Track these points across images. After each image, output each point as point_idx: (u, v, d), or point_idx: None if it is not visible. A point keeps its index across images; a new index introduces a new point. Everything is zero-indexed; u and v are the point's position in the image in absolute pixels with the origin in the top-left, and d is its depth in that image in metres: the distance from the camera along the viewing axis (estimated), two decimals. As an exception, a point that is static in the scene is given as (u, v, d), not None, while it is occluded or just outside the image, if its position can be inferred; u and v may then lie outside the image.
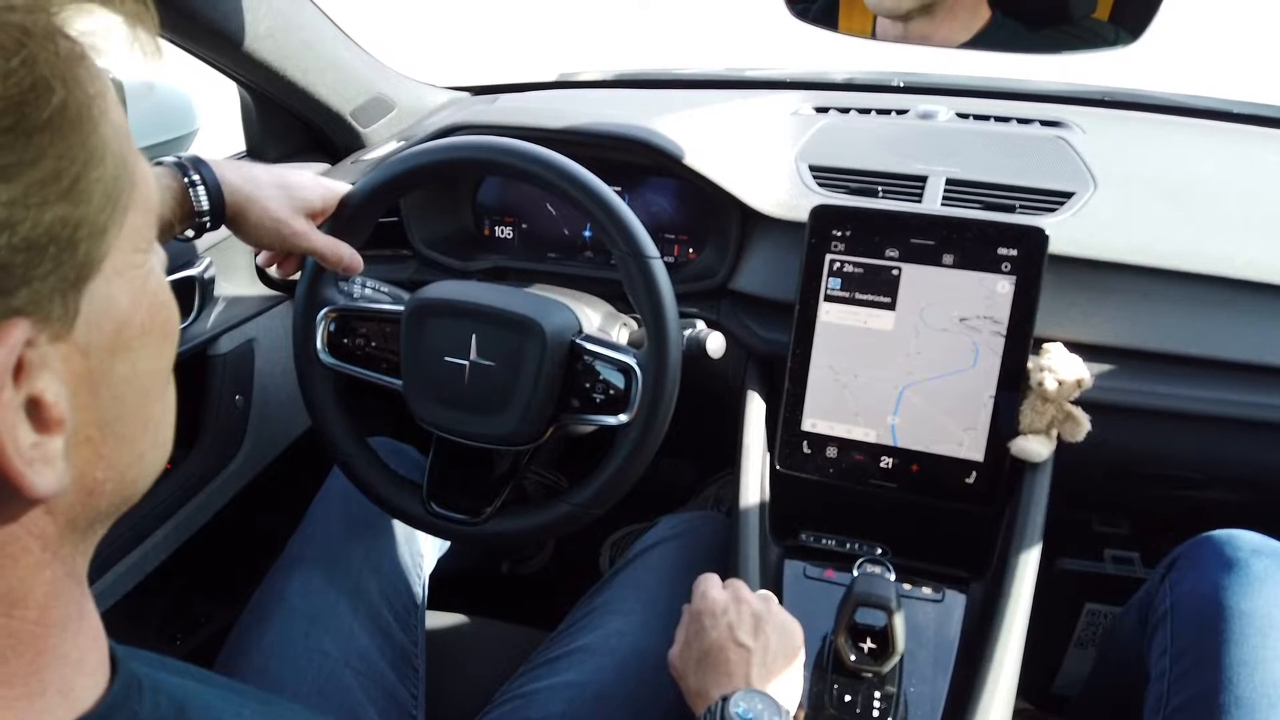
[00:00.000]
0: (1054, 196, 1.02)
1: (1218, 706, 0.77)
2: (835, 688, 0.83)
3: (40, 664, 0.36)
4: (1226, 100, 1.35)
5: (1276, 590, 0.82)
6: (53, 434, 0.33)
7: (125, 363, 0.37)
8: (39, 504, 0.35)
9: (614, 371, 0.87)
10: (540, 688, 0.90)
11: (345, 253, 0.89)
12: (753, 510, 0.98)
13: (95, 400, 0.36)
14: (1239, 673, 0.78)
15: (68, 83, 0.32)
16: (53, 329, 0.33)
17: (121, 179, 0.35)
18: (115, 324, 0.36)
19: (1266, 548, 0.85)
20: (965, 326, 0.94)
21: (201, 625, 1.32)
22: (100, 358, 0.35)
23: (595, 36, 6.94)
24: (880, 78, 1.49)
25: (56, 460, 0.34)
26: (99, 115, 0.34)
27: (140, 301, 0.37)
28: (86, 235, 0.33)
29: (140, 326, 0.37)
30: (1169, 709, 0.81)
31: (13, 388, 0.31)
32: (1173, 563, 0.91)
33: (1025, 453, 0.93)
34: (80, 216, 0.33)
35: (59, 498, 0.35)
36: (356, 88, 1.31)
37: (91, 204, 0.33)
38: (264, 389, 1.26)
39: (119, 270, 0.36)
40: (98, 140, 0.34)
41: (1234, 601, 0.81)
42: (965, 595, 0.92)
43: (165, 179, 0.79)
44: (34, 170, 0.31)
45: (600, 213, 0.85)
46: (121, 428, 0.37)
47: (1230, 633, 0.80)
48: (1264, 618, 0.80)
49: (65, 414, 0.34)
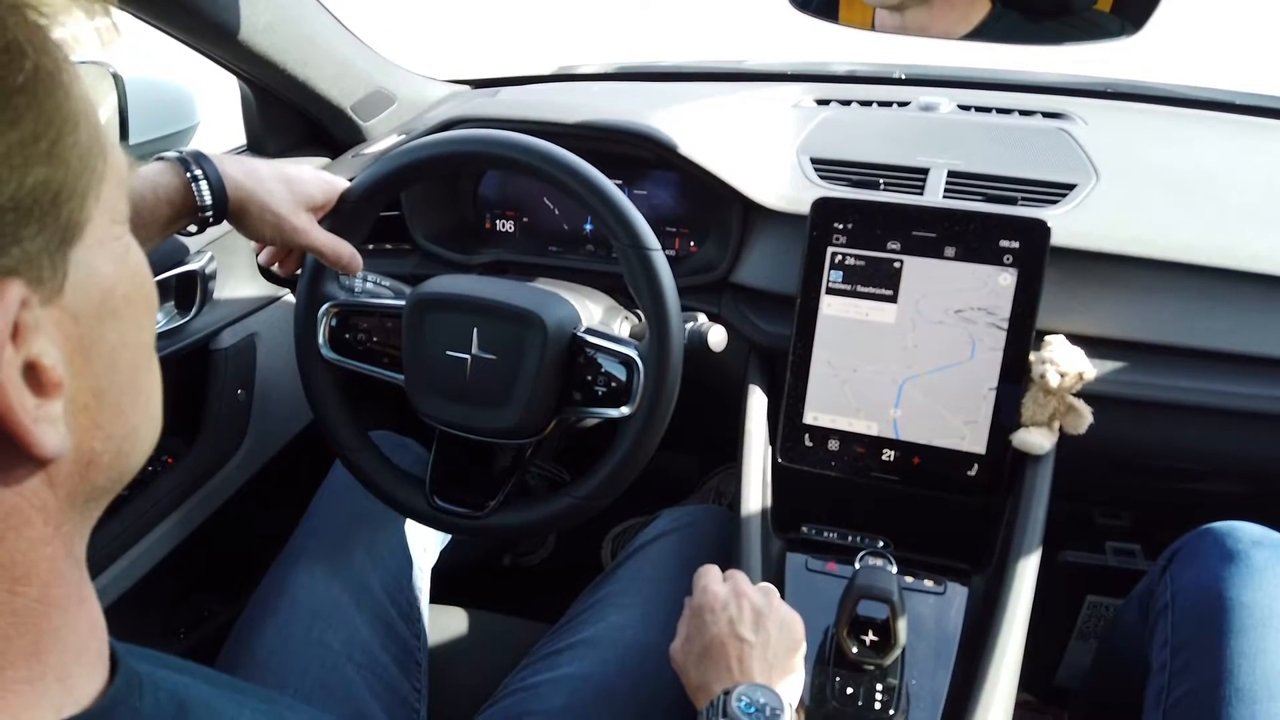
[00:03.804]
0: (1056, 188, 1.02)
1: (1219, 698, 0.77)
2: (837, 680, 0.83)
3: (41, 646, 0.36)
4: (1229, 91, 1.35)
5: (1277, 582, 0.82)
6: (52, 397, 0.34)
7: (113, 330, 0.38)
8: (39, 473, 0.35)
9: (616, 364, 0.87)
10: (542, 681, 0.90)
11: (345, 251, 0.88)
12: (754, 503, 0.98)
13: (89, 366, 0.36)
14: (1239, 664, 0.78)
15: (38, 48, 0.33)
16: (44, 291, 0.34)
17: (95, 147, 0.36)
18: (101, 291, 0.37)
19: (1267, 539, 0.85)
20: (962, 319, 0.94)
21: (204, 620, 1.32)
22: (89, 324, 0.36)
23: (597, 34, 6.93)
24: (881, 70, 1.49)
25: (58, 423, 0.34)
26: (69, 81, 0.35)
27: (122, 271, 0.38)
28: (68, 199, 0.34)
29: (124, 296, 0.38)
30: (1169, 701, 0.81)
31: (12, 348, 0.32)
32: (1173, 555, 0.91)
33: (1027, 445, 0.93)
34: (61, 179, 0.34)
35: (58, 468, 0.36)
36: (357, 81, 1.30)
37: (70, 168, 0.34)
38: (266, 383, 1.26)
39: (100, 240, 0.37)
40: (71, 106, 0.35)
41: (1234, 593, 0.81)
42: (967, 588, 0.92)
43: (167, 174, 0.78)
44: (14, 131, 0.32)
45: (601, 206, 0.85)
46: (115, 396, 0.38)
47: (1231, 624, 0.80)
48: (1264, 609, 0.80)
49: (62, 377, 0.34)
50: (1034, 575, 0.89)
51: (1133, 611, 0.96)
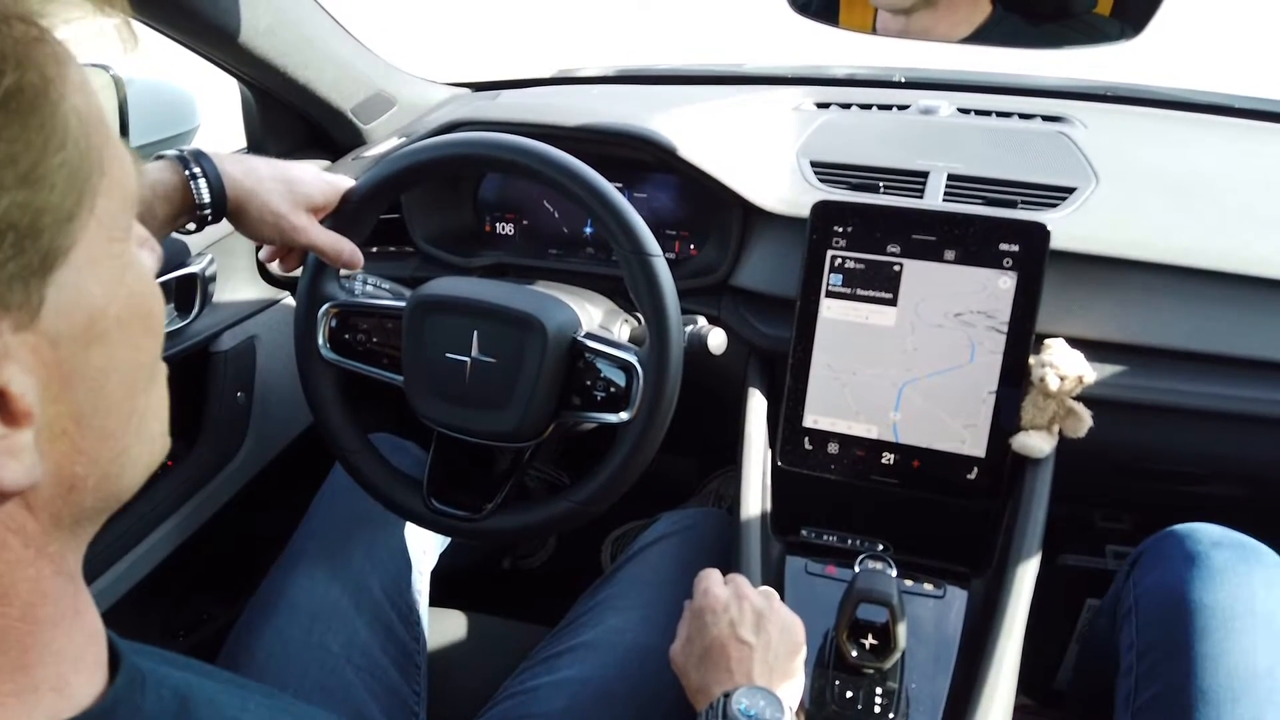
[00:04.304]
0: (1056, 192, 1.02)
1: (1184, 700, 0.77)
2: (837, 684, 0.83)
3: (28, 661, 0.36)
4: (1229, 95, 1.35)
5: (1237, 582, 0.82)
6: (20, 427, 0.33)
7: (100, 354, 0.36)
8: (15, 499, 0.34)
9: (615, 369, 0.87)
10: (542, 684, 0.90)
11: (346, 249, 0.88)
12: (754, 506, 0.98)
13: (68, 392, 0.35)
14: (1203, 666, 0.78)
15: (22, 64, 0.32)
16: (14, 318, 0.32)
17: (87, 165, 0.34)
18: (87, 314, 0.35)
19: (1227, 540, 0.86)
20: (961, 322, 0.94)
21: (204, 622, 1.32)
22: (71, 349, 0.35)
23: (597, 36, 6.93)
24: (881, 73, 1.49)
25: (24, 454, 0.33)
26: (58, 99, 0.33)
27: (116, 291, 0.36)
28: (51, 223, 0.32)
29: (115, 318, 0.36)
30: (1137, 704, 0.82)
31: None
32: (1137, 558, 0.91)
33: (1027, 448, 0.93)
34: (42, 203, 0.32)
35: (37, 493, 0.35)
36: (357, 84, 1.30)
37: (54, 190, 0.32)
38: (266, 386, 1.26)
39: (92, 259, 0.35)
40: (57, 124, 0.33)
41: (1196, 595, 0.82)
42: (966, 591, 0.92)
43: (166, 172, 0.79)
44: None
45: (601, 209, 0.85)
46: (100, 421, 0.37)
47: (1193, 626, 0.80)
48: (1226, 610, 0.80)
49: (33, 406, 0.33)
50: (1033, 579, 0.88)
51: (1104, 616, 0.96)
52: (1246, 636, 0.79)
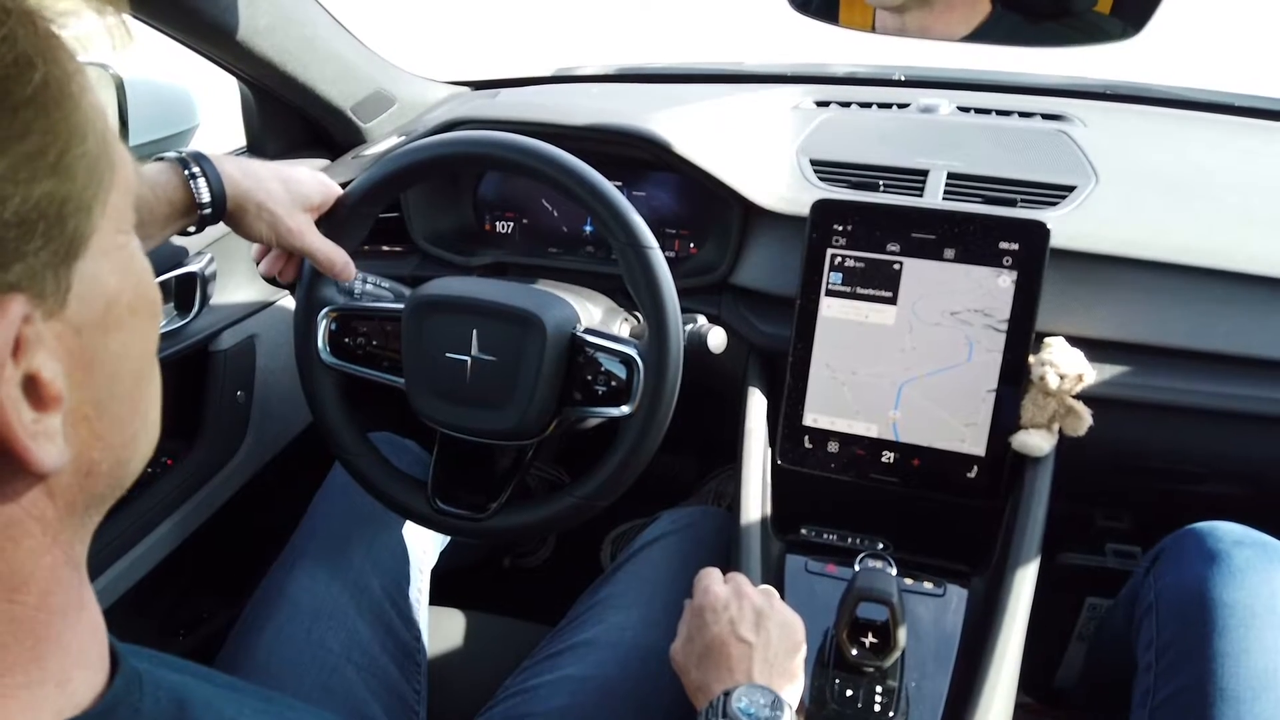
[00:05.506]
0: (1055, 190, 1.02)
1: (1204, 699, 0.77)
2: (837, 682, 0.83)
3: (40, 652, 0.36)
4: (1229, 93, 1.35)
5: (1259, 581, 0.82)
6: (51, 411, 0.34)
7: (116, 341, 0.37)
8: (39, 485, 0.35)
9: (615, 363, 0.87)
10: (542, 682, 0.90)
11: (339, 259, 0.88)
12: (754, 505, 0.98)
13: (90, 378, 0.36)
14: (1224, 664, 0.78)
15: (48, 59, 0.33)
16: (47, 305, 0.33)
17: (104, 157, 0.36)
18: (105, 302, 0.37)
19: (1248, 539, 0.86)
20: (961, 321, 0.94)
21: (204, 621, 1.32)
22: (92, 335, 0.36)
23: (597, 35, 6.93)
24: (881, 72, 1.49)
25: (56, 437, 0.34)
26: (78, 92, 0.34)
27: (127, 280, 0.38)
28: (74, 211, 0.34)
29: (128, 305, 0.38)
30: (1155, 701, 0.81)
31: (12, 364, 0.32)
32: (1156, 556, 0.91)
33: (1027, 447, 0.93)
34: (67, 192, 0.33)
35: (57, 479, 0.36)
36: (357, 83, 1.30)
37: (76, 180, 0.34)
38: (265, 385, 1.26)
39: (105, 250, 0.37)
40: (79, 117, 0.34)
41: (1217, 593, 0.82)
42: (966, 590, 0.92)
43: (166, 173, 0.79)
44: (21, 145, 0.32)
45: (597, 204, 0.85)
46: (116, 407, 0.38)
47: (1214, 624, 0.80)
48: (1246, 608, 0.80)
49: (62, 391, 0.34)
50: (1034, 577, 0.89)
51: (1119, 613, 0.96)
52: (1268, 635, 0.79)
